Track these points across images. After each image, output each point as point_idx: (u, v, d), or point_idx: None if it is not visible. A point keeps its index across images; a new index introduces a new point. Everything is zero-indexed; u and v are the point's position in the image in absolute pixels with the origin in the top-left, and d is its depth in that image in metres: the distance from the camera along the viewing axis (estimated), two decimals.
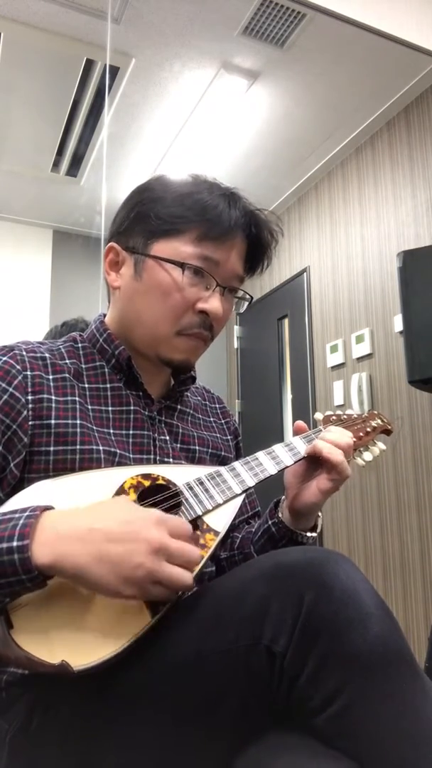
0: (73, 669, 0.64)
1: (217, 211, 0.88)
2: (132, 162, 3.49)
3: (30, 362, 0.87)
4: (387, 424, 1.09)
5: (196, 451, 0.97)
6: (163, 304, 0.89)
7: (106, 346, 0.94)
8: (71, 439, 0.84)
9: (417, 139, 2.99)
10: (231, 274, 0.92)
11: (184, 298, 0.89)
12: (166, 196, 0.90)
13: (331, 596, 0.64)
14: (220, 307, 0.91)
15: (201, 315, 0.90)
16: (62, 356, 0.92)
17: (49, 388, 0.86)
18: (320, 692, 0.62)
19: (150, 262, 0.90)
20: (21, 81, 2.87)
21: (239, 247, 0.92)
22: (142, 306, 0.91)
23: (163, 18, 2.52)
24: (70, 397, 0.87)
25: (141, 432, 0.91)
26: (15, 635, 0.65)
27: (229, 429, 1.10)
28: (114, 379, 0.93)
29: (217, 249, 0.89)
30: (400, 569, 2.83)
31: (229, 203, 0.90)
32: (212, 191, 0.90)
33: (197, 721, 0.68)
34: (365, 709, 0.61)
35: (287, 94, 2.99)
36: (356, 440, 0.99)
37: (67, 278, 4.18)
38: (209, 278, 0.90)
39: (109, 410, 0.90)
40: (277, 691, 0.65)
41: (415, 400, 2.83)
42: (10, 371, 0.84)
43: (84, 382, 0.91)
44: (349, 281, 3.35)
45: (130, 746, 0.69)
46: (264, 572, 0.69)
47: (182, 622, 0.71)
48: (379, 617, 0.64)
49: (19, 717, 0.76)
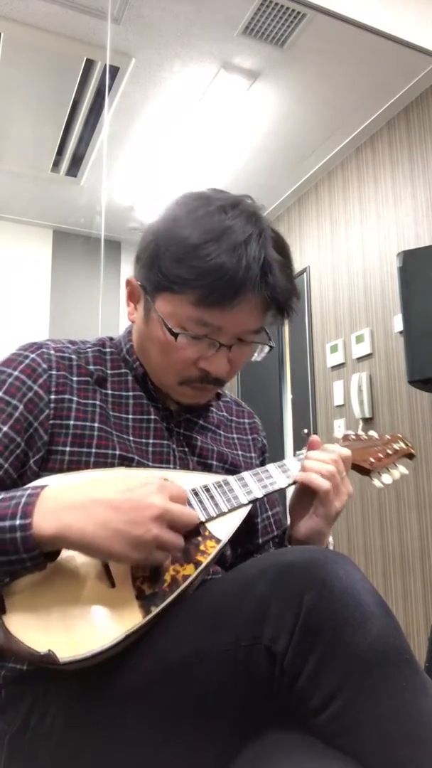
0: (59, 659, 0.64)
1: (221, 273, 0.79)
2: (132, 162, 3.49)
3: (57, 361, 0.88)
4: (409, 448, 1.08)
5: (212, 466, 0.96)
6: (165, 358, 0.87)
7: (128, 357, 0.94)
8: (87, 441, 0.84)
9: (417, 139, 2.99)
10: (240, 331, 0.86)
11: (184, 357, 0.86)
12: (169, 248, 0.82)
13: (331, 596, 0.64)
14: (225, 366, 0.87)
15: (203, 370, 0.87)
16: (88, 361, 0.91)
17: (72, 389, 0.87)
18: (320, 691, 0.62)
19: (154, 314, 0.86)
20: (21, 81, 2.87)
21: (253, 302, 0.83)
22: (150, 350, 0.90)
23: (163, 18, 2.52)
24: (91, 401, 0.88)
25: (161, 442, 0.91)
26: (6, 620, 0.66)
27: (256, 446, 1.07)
28: (137, 387, 0.93)
29: (218, 314, 0.82)
30: (400, 569, 2.83)
31: (239, 258, 0.80)
32: (222, 241, 0.80)
33: (197, 721, 0.68)
34: (365, 708, 0.61)
35: (287, 94, 2.99)
36: (374, 461, 0.99)
37: (66, 278, 4.18)
38: (212, 339, 0.85)
39: (129, 418, 0.90)
40: (277, 690, 0.65)
41: (415, 400, 2.83)
42: (36, 369, 0.86)
43: (107, 389, 0.91)
44: (349, 281, 3.35)
45: (129, 747, 0.69)
46: (264, 572, 0.69)
47: (182, 622, 0.71)
48: (379, 616, 0.64)
49: (18, 718, 0.76)
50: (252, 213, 0.85)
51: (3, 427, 0.80)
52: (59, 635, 0.66)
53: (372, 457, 1.00)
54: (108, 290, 4.25)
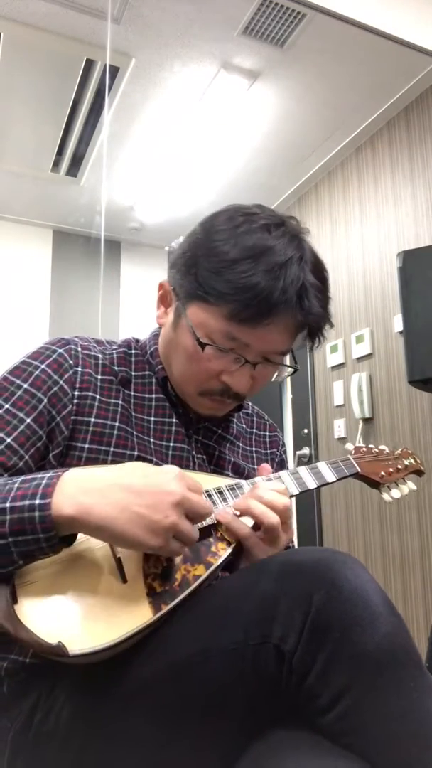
0: (68, 652, 0.64)
1: (256, 291, 0.79)
2: (132, 162, 3.49)
3: (83, 358, 0.89)
4: (419, 464, 1.10)
5: (228, 476, 0.95)
6: (188, 367, 0.88)
7: (151, 360, 0.95)
8: (106, 440, 0.85)
9: (417, 139, 2.99)
10: (267, 350, 0.86)
11: (208, 368, 0.86)
12: (209, 259, 0.82)
13: (340, 595, 0.64)
14: (247, 383, 0.87)
15: (224, 384, 0.87)
16: (113, 362, 0.92)
17: (96, 387, 0.88)
18: (328, 690, 0.62)
19: (184, 321, 0.86)
20: (21, 81, 2.87)
21: (283, 324, 0.84)
22: (174, 357, 0.90)
23: (163, 18, 2.52)
24: (114, 400, 0.88)
25: (181, 446, 0.92)
26: (18, 610, 0.66)
27: (273, 460, 1.07)
28: (159, 390, 0.94)
29: (248, 331, 0.82)
30: (400, 569, 2.83)
31: (276, 279, 0.80)
32: (261, 260, 0.80)
33: (203, 720, 0.68)
34: (373, 708, 0.61)
35: (287, 94, 2.99)
36: (384, 475, 1.01)
37: (67, 278, 4.18)
38: (238, 354, 0.85)
39: (151, 420, 0.91)
40: (285, 689, 0.65)
41: (415, 400, 2.84)
42: (63, 364, 0.87)
43: (131, 390, 0.92)
44: (349, 281, 3.35)
45: (134, 744, 0.69)
46: (272, 571, 0.69)
47: (190, 620, 0.71)
48: (386, 617, 0.64)
49: (22, 716, 0.76)
50: (295, 235, 0.85)
51: (27, 419, 0.81)
52: (69, 628, 0.67)
53: (383, 471, 1.02)
54: (108, 290, 4.25)
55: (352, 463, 0.99)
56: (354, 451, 1.03)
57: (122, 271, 4.37)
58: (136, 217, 4.06)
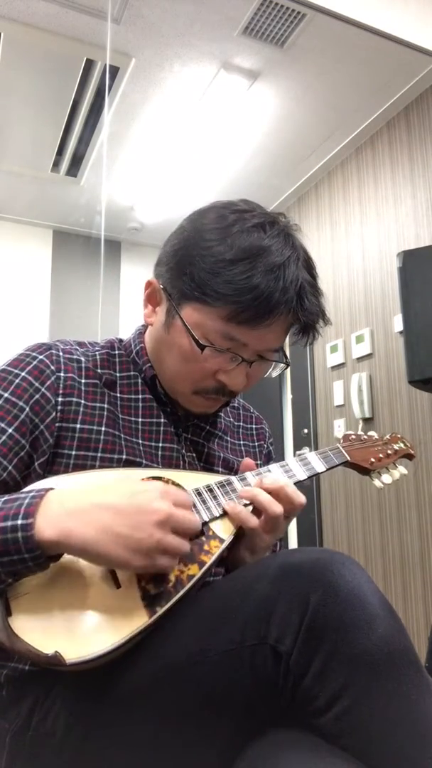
0: (65, 661, 0.64)
1: (257, 293, 0.79)
2: (132, 162, 3.49)
3: (65, 363, 0.87)
4: (409, 448, 1.09)
5: (218, 473, 0.95)
6: (184, 367, 0.87)
7: (137, 359, 0.93)
8: (93, 445, 0.84)
9: (417, 139, 2.99)
10: (263, 348, 0.86)
11: (204, 368, 0.86)
12: (205, 259, 0.81)
13: (338, 597, 0.64)
14: (242, 381, 0.87)
15: (220, 382, 0.87)
16: (96, 364, 0.90)
17: (80, 392, 0.86)
18: (325, 691, 0.62)
19: (178, 321, 0.85)
20: (21, 81, 2.87)
21: (280, 323, 0.84)
22: (166, 357, 0.89)
23: (163, 18, 2.52)
24: (99, 404, 0.87)
25: (171, 446, 0.91)
26: (12, 622, 0.66)
27: (261, 453, 1.07)
28: (146, 390, 0.93)
29: (246, 331, 0.82)
30: (400, 569, 2.83)
31: (276, 280, 0.80)
32: (260, 261, 0.80)
33: (201, 721, 0.68)
34: (370, 709, 0.61)
35: (287, 94, 2.99)
36: (374, 461, 1.01)
37: (66, 278, 4.18)
38: (234, 354, 0.85)
39: (138, 421, 0.90)
40: (282, 690, 0.65)
41: (415, 400, 2.83)
42: (44, 371, 0.85)
43: (116, 392, 0.90)
44: (349, 281, 3.35)
45: (132, 746, 0.69)
46: (269, 572, 0.69)
47: (187, 621, 0.71)
48: (384, 618, 0.64)
49: (20, 718, 0.76)
50: (288, 234, 0.86)
51: (8, 429, 0.80)
52: (65, 636, 0.66)
53: (372, 457, 1.02)
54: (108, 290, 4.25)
55: (341, 452, 0.99)
56: (343, 440, 1.03)
57: (122, 271, 4.37)
58: (136, 217, 4.06)
